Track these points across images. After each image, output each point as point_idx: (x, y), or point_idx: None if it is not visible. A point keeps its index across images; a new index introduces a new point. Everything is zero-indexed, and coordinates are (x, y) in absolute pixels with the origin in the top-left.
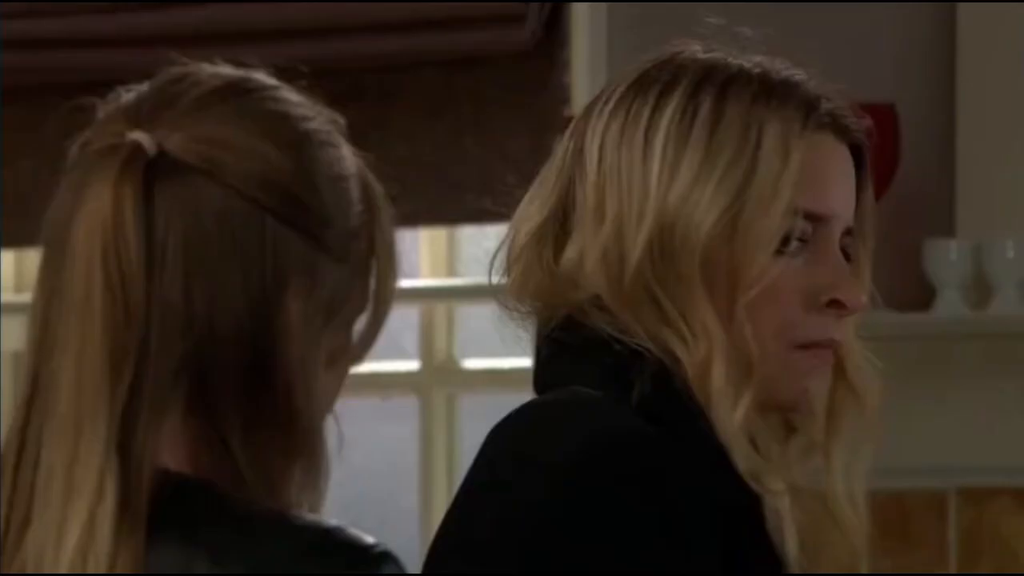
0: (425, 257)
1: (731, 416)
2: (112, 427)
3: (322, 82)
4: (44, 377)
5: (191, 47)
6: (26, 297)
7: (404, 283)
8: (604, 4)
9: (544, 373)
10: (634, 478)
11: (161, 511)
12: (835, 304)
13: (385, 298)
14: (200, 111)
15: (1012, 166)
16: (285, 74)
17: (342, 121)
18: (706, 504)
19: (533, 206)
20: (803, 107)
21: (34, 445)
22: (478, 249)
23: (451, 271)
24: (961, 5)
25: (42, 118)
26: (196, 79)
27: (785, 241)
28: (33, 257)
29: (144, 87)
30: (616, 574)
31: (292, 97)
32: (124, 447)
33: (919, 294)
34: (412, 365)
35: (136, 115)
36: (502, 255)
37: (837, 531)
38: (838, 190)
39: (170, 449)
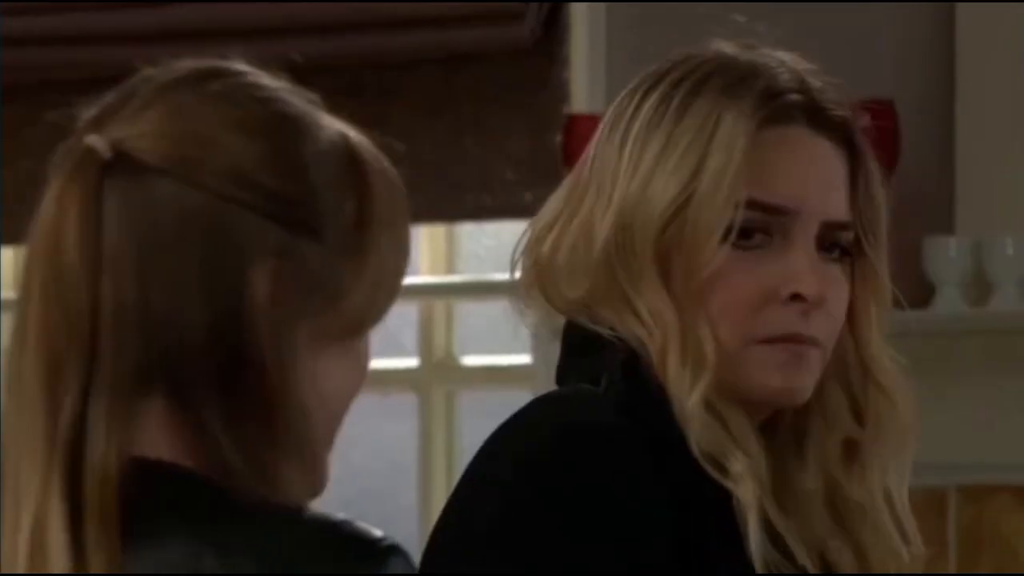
0: (424, 254)
1: (686, 402)
2: (51, 429)
3: (321, 80)
4: (11, 389)
5: (189, 44)
6: None
7: (403, 280)
8: (603, 2)
9: (557, 371)
10: (585, 472)
11: (161, 505)
12: (797, 298)
13: (392, 283)
14: (152, 105)
15: (1011, 163)
16: (285, 71)
17: (318, 99)
18: (659, 501)
19: (548, 205)
20: (766, 99)
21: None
22: (477, 246)
23: (450, 268)
24: (960, 3)
25: (40, 116)
26: (156, 74)
27: (745, 233)
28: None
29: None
30: (554, 570)
31: (262, 81)
32: (74, 447)
33: (919, 291)
34: (411, 362)
35: (98, 118)
36: (517, 253)
37: (877, 534)
38: (802, 183)
39: (161, 442)
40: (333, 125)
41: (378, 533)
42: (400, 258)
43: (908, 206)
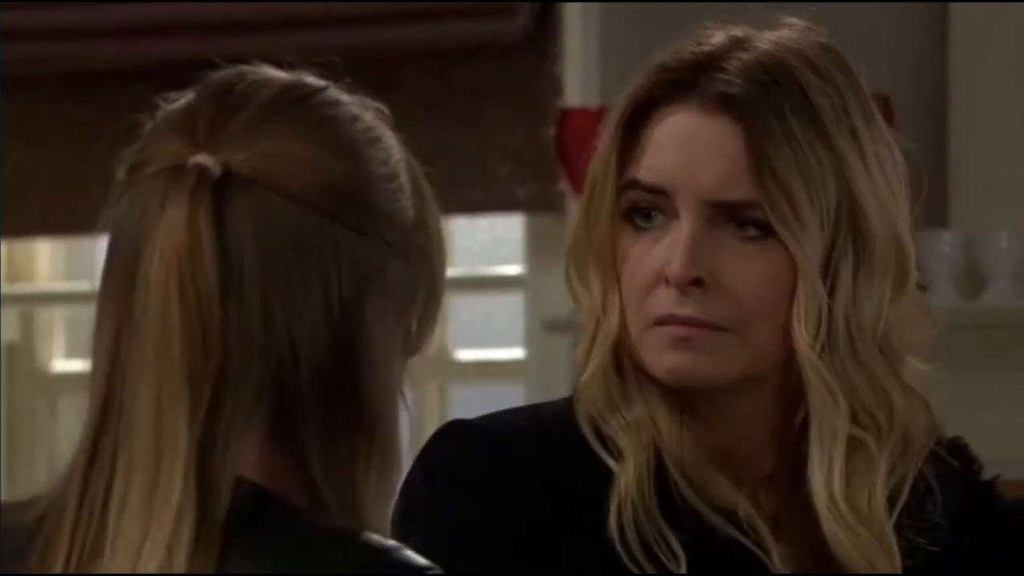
0: None
1: (581, 378)
2: (191, 456)
3: (315, 74)
4: (115, 407)
5: (184, 38)
6: (19, 288)
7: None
8: None
9: None
10: (427, 474)
11: (234, 524)
12: (668, 279)
13: (442, 287)
14: (258, 126)
15: (1005, 158)
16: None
17: (387, 111)
18: (504, 506)
19: None
20: (647, 79)
21: (104, 475)
22: (471, 240)
23: None
24: (954, 1)
25: (37, 110)
26: (247, 90)
27: (645, 216)
28: (27, 249)
29: (192, 99)
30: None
31: (342, 97)
32: (203, 475)
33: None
34: None
35: (193, 133)
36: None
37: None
38: (676, 162)
39: (252, 466)
40: (392, 137)
41: (423, 561)
42: (446, 273)
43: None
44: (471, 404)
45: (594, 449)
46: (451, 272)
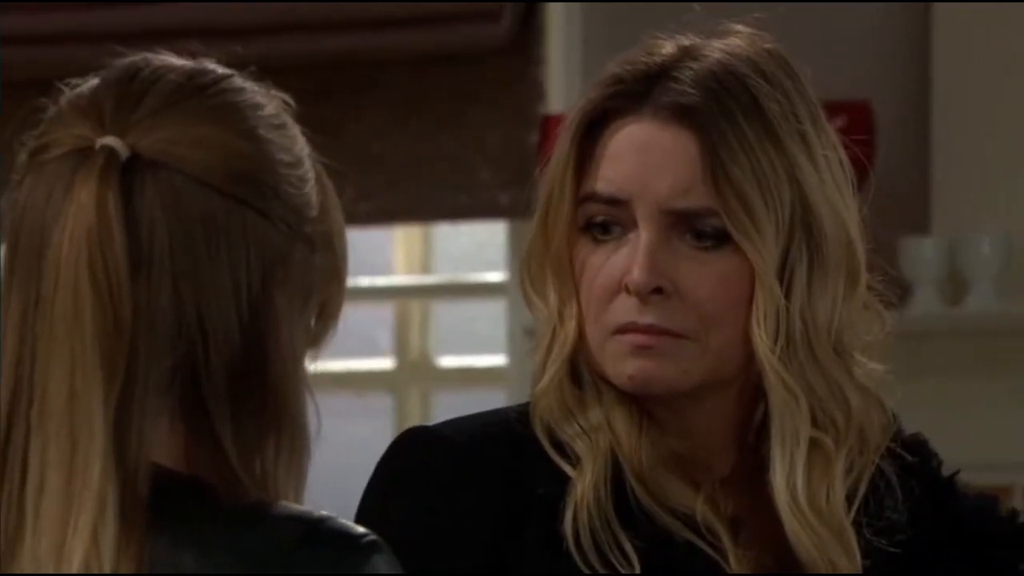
0: (400, 254)
1: (538, 387)
2: (108, 438)
3: (297, 79)
4: (24, 392)
5: (165, 43)
6: None
7: (379, 280)
8: (578, 2)
9: None
10: (387, 479)
11: (153, 509)
12: (628, 288)
13: (344, 280)
14: (165, 110)
15: (987, 163)
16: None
17: (292, 102)
18: (463, 509)
19: None
20: (601, 91)
21: (18, 459)
22: (453, 246)
23: (426, 268)
24: (936, 4)
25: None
26: (153, 75)
27: (604, 228)
28: None
29: (97, 84)
30: None
31: (246, 85)
32: (121, 457)
33: (895, 291)
34: (387, 363)
35: (99, 117)
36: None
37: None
38: (632, 172)
39: (163, 448)
40: (296, 127)
41: (360, 529)
42: (347, 264)
43: (884, 206)
44: (453, 410)
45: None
46: (433, 278)
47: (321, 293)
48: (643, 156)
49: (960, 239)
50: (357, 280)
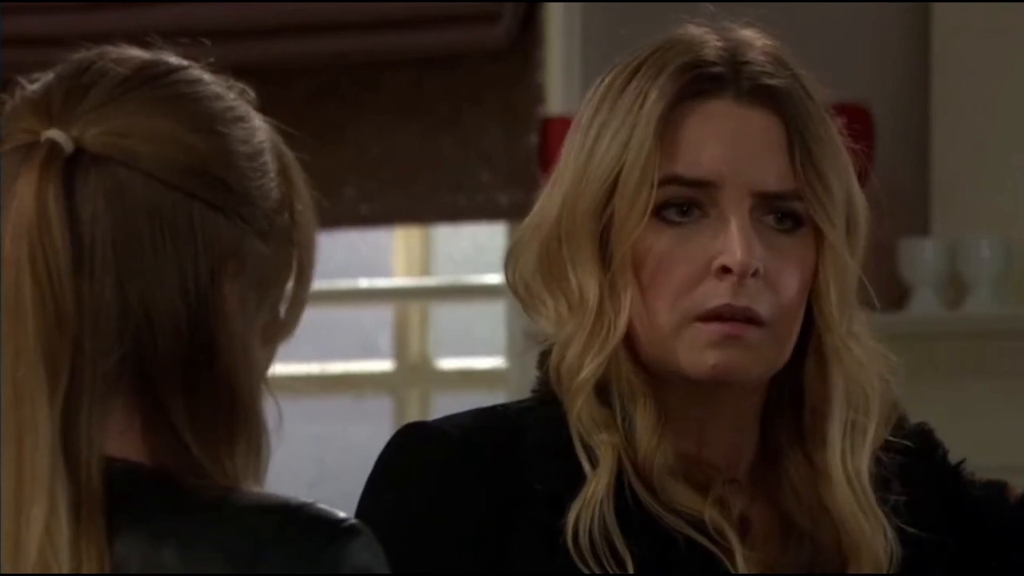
0: (399, 257)
1: (574, 382)
2: (55, 432)
3: (297, 80)
4: None
5: (165, 44)
6: None
7: (378, 282)
8: (579, 3)
9: None
10: (385, 475)
11: (123, 505)
12: (727, 271)
13: (309, 269)
14: (112, 102)
15: (986, 165)
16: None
17: (251, 92)
18: (460, 506)
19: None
20: (686, 74)
21: None
22: (452, 248)
23: (425, 271)
24: (935, 5)
25: None
26: (103, 68)
27: (682, 210)
28: None
29: (49, 78)
30: None
31: (203, 76)
32: (69, 449)
33: (894, 293)
34: (386, 365)
35: (47, 110)
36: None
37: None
38: (724, 154)
39: (123, 441)
40: (258, 118)
41: (340, 514)
42: (315, 256)
43: (883, 208)
44: (453, 412)
45: (555, 451)
46: (433, 280)
47: (280, 287)
48: (732, 139)
49: (959, 241)
50: (357, 282)
